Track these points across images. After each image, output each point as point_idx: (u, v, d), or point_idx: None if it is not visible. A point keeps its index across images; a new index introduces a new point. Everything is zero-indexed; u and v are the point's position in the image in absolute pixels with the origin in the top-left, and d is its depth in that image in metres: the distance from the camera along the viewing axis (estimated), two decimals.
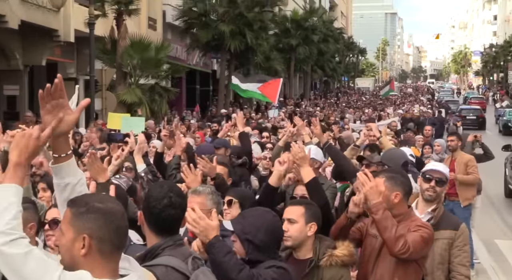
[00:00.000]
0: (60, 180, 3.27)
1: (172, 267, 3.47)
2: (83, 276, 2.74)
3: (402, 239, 4.68)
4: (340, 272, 4.53)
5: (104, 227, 2.81)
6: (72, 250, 2.79)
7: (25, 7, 22.84)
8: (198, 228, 3.79)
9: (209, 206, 4.69)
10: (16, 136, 3.03)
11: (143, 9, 29.82)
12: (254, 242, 3.99)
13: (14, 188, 2.86)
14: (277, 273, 3.83)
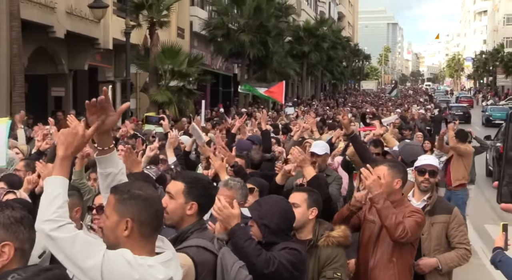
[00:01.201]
0: (103, 170, 3.29)
1: (203, 247, 3.50)
2: (124, 253, 2.79)
3: (402, 225, 4.69)
4: (336, 251, 4.53)
5: (144, 212, 2.87)
6: (116, 232, 2.84)
7: (70, 18, 22.97)
8: (222, 215, 3.83)
9: (239, 199, 4.70)
10: (64, 133, 3.05)
11: (172, 20, 29.85)
12: (270, 227, 4.00)
13: (60, 180, 2.90)
14: (290, 254, 3.84)
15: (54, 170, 2.95)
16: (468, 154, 11.46)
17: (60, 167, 2.94)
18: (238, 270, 3.61)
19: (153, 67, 25.73)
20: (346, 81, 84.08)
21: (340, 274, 4.46)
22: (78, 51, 25.14)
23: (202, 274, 3.41)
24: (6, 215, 2.36)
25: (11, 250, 2.31)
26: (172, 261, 2.95)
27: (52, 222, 2.71)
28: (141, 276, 2.72)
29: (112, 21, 25.13)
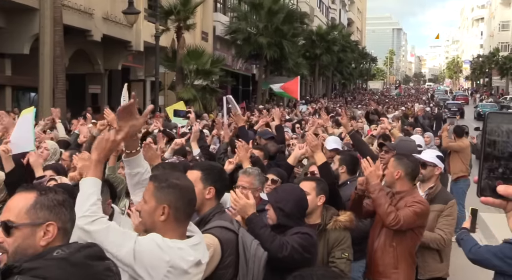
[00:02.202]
0: (131, 170, 3.33)
1: (225, 227, 3.54)
2: (155, 237, 2.84)
3: (393, 214, 4.69)
4: (343, 234, 4.55)
5: (180, 200, 2.91)
6: (153, 216, 2.88)
7: (106, 23, 23.11)
8: (238, 206, 3.86)
9: (256, 185, 4.73)
10: (98, 139, 3.10)
11: (197, 25, 29.89)
12: (284, 210, 4.01)
13: (93, 180, 2.95)
14: (301, 238, 3.85)
15: (89, 172, 2.99)
16: (463, 149, 11.44)
17: (94, 169, 2.99)
18: (256, 247, 3.68)
19: (179, 67, 25.78)
20: (354, 81, 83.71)
21: (347, 254, 4.49)
22: (112, 53, 25.29)
23: (227, 251, 3.46)
24: (50, 198, 2.37)
25: (55, 229, 2.33)
26: (200, 244, 2.98)
27: (86, 218, 2.77)
28: (171, 258, 2.76)
29: (143, 26, 25.24)
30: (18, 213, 2.34)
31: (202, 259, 2.93)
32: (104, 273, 2.28)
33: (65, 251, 2.24)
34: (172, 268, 2.75)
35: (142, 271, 2.73)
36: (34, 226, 2.33)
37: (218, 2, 37.49)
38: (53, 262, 2.19)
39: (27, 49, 19.73)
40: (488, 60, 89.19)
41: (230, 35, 35.42)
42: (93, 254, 2.31)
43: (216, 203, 3.75)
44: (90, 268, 2.25)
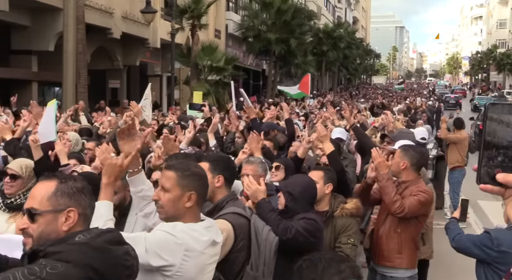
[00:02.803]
0: (135, 188, 3.34)
1: (238, 213, 3.57)
2: (163, 227, 2.85)
3: (398, 202, 4.69)
4: (349, 221, 4.54)
5: (202, 187, 2.96)
6: (178, 204, 2.87)
7: (125, 22, 23.16)
8: (250, 191, 3.88)
9: (260, 172, 4.74)
10: (106, 164, 3.09)
11: (211, 23, 29.91)
12: (292, 194, 4.01)
13: (105, 203, 2.94)
14: (307, 223, 3.85)
15: (100, 195, 2.97)
16: (460, 140, 11.38)
17: (104, 192, 2.98)
18: (268, 232, 3.70)
19: (194, 63, 25.81)
20: (359, 76, 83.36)
21: (353, 240, 4.48)
22: (131, 50, 25.35)
23: (240, 236, 3.48)
24: (69, 185, 2.38)
25: (75, 215, 2.34)
26: (213, 227, 2.98)
27: None
28: (184, 241, 2.75)
29: (160, 24, 25.27)
30: (41, 201, 2.35)
31: (216, 239, 2.93)
32: (123, 257, 2.31)
33: (86, 236, 2.27)
34: (188, 251, 2.75)
35: (158, 261, 2.71)
36: (56, 212, 2.34)
37: (231, 1, 37.47)
38: (75, 247, 2.22)
39: (52, 47, 19.81)
40: (486, 57, 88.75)
41: (242, 32, 35.42)
42: (113, 239, 2.34)
43: (228, 191, 3.76)
44: (110, 252, 2.27)
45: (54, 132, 5.95)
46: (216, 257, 2.98)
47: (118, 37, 22.94)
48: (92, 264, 2.19)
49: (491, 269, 3.86)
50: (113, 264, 2.27)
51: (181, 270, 2.73)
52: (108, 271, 2.24)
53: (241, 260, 3.53)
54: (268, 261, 3.63)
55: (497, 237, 3.85)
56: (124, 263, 2.32)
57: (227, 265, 3.40)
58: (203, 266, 2.83)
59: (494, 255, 3.82)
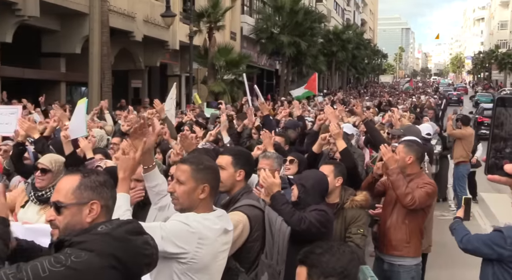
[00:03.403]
0: (150, 183, 3.32)
1: (253, 205, 3.57)
2: (177, 217, 2.86)
3: (410, 195, 4.66)
4: (359, 212, 4.52)
5: (215, 179, 2.95)
6: (192, 195, 2.88)
7: (146, 25, 23.24)
8: (266, 183, 3.86)
9: (275, 167, 4.73)
10: (120, 159, 3.09)
11: (227, 26, 29.90)
12: (305, 186, 4.00)
13: (122, 195, 2.92)
14: (318, 214, 3.83)
15: (118, 187, 2.95)
16: (466, 137, 11.25)
17: (121, 185, 2.97)
18: (281, 223, 3.70)
19: (211, 64, 25.84)
20: (367, 75, 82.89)
21: (363, 230, 4.46)
22: (152, 51, 25.43)
23: (255, 227, 3.48)
24: (92, 179, 2.39)
25: (98, 207, 2.35)
26: (224, 216, 2.97)
27: None
28: (197, 230, 2.75)
29: (179, 27, 25.32)
30: (66, 194, 2.37)
31: (227, 227, 2.93)
32: (143, 246, 2.33)
33: (108, 227, 2.29)
34: (201, 239, 2.75)
35: (173, 249, 2.72)
36: (80, 205, 2.36)
37: (245, 5, 37.44)
38: (98, 237, 2.24)
39: (78, 49, 19.94)
40: (488, 56, 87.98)
41: (255, 34, 35.39)
42: (133, 229, 2.35)
43: (245, 184, 3.75)
44: (130, 242, 2.29)
45: (84, 128, 6.00)
46: (228, 245, 2.97)
47: (140, 40, 23.03)
48: (115, 253, 2.21)
49: (502, 268, 3.69)
50: (134, 253, 2.29)
51: (196, 257, 2.74)
52: (130, 260, 2.26)
53: (256, 249, 3.53)
54: (281, 250, 3.63)
55: (510, 236, 3.68)
56: (144, 252, 2.33)
57: (243, 254, 3.42)
58: (216, 253, 2.83)
59: (507, 254, 3.65)
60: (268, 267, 3.52)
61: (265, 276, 3.47)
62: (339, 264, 1.78)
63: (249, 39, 36.76)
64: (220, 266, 2.92)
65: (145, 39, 23.40)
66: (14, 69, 18.37)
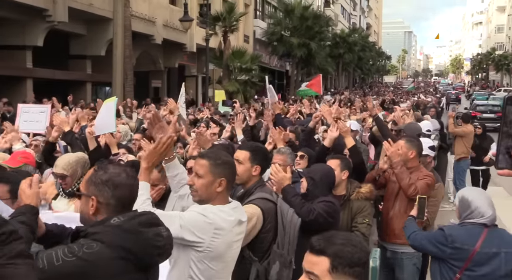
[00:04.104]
0: (171, 173, 3.29)
1: (266, 198, 3.54)
2: (195, 208, 2.85)
3: (413, 186, 4.64)
4: (364, 203, 4.50)
5: (232, 174, 2.92)
6: (210, 188, 2.86)
7: (166, 29, 23.31)
8: (277, 178, 3.86)
9: (288, 162, 4.69)
10: (146, 151, 3.10)
11: (240, 29, 29.90)
12: (314, 179, 3.99)
13: (143, 184, 2.89)
14: (326, 206, 3.83)
15: (140, 177, 2.93)
16: (466, 134, 11.13)
17: (144, 175, 2.94)
18: (292, 215, 3.68)
19: (225, 65, 25.87)
20: (372, 76, 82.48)
21: (368, 219, 4.45)
22: (171, 53, 25.50)
23: (268, 218, 3.46)
24: (97, 175, 2.38)
25: (95, 203, 2.33)
26: (239, 207, 2.96)
27: None
28: (214, 221, 2.74)
29: (196, 31, 25.36)
30: (83, 184, 2.45)
31: (241, 218, 2.92)
32: (154, 238, 2.29)
33: (121, 219, 2.27)
34: (217, 230, 2.74)
35: (191, 237, 2.71)
36: (87, 196, 2.39)
37: (258, 10, 37.44)
38: (110, 229, 2.22)
39: (103, 52, 20.06)
40: (485, 58, 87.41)
41: (267, 37, 35.35)
42: (146, 221, 2.31)
43: (259, 178, 3.74)
44: (141, 234, 2.25)
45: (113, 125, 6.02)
46: (242, 234, 2.96)
47: (160, 43, 23.12)
48: (124, 245, 2.19)
49: (446, 265, 3.60)
50: (145, 244, 2.25)
51: (211, 246, 2.73)
52: (141, 251, 2.23)
53: (269, 239, 3.52)
54: (292, 240, 3.62)
55: (450, 234, 3.56)
56: (155, 244, 2.29)
57: (257, 244, 3.41)
58: (230, 242, 2.83)
59: (448, 252, 3.55)
60: (280, 256, 3.51)
61: (276, 264, 3.46)
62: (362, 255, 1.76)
63: (261, 41, 36.72)
64: (234, 254, 2.92)
65: (165, 42, 23.47)
66: (45, 70, 18.53)
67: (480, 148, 11.03)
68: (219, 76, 27.08)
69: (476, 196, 3.60)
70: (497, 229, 3.58)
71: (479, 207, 3.54)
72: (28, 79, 17.77)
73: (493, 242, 3.47)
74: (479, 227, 3.52)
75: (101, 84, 22.91)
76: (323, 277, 1.79)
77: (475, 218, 3.53)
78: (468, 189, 3.89)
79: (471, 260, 3.49)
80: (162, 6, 23.67)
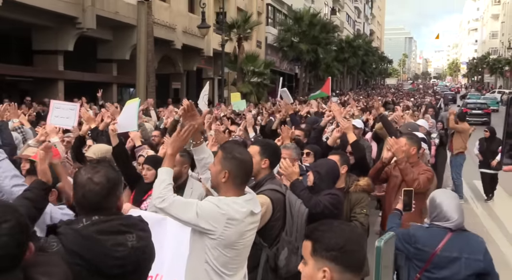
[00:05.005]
0: (198, 156, 3.30)
1: (275, 190, 3.53)
2: (210, 198, 2.84)
3: (417, 181, 4.61)
4: (362, 195, 4.48)
5: (239, 169, 2.86)
6: (217, 177, 2.87)
7: (185, 35, 23.35)
8: (286, 172, 3.85)
9: (294, 156, 4.69)
10: (172, 138, 3.06)
11: (253, 36, 29.89)
12: (320, 172, 3.99)
13: (167, 170, 2.89)
14: (331, 198, 3.82)
15: (164, 163, 2.94)
16: (464, 130, 11.04)
17: (168, 161, 2.94)
18: (300, 205, 3.68)
19: (239, 68, 25.90)
20: (374, 78, 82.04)
21: (366, 210, 4.43)
22: (189, 57, 25.56)
23: (277, 208, 3.45)
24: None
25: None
26: (252, 200, 2.93)
27: (159, 198, 2.76)
28: (227, 212, 2.74)
29: (212, 37, 25.37)
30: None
31: (254, 209, 2.89)
32: (112, 248, 2.07)
33: (83, 224, 2.08)
34: (230, 220, 2.73)
35: (206, 225, 2.71)
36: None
37: (269, 18, 37.37)
38: (71, 232, 2.05)
39: (128, 56, 20.16)
40: (481, 62, 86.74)
41: (278, 43, 35.29)
42: (105, 229, 2.09)
43: (269, 171, 3.72)
44: (97, 242, 2.05)
45: (135, 124, 6.04)
46: (255, 224, 2.94)
47: (179, 48, 23.17)
48: (78, 250, 2.02)
49: (412, 264, 3.47)
50: (99, 253, 2.04)
51: (224, 235, 2.73)
52: (94, 259, 2.03)
53: (278, 227, 3.51)
54: (299, 228, 3.61)
55: (414, 234, 3.45)
56: (112, 254, 2.06)
57: (266, 232, 3.40)
58: (242, 232, 2.81)
59: (412, 251, 3.43)
60: (288, 243, 3.50)
61: (285, 250, 3.45)
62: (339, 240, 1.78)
63: (273, 47, 36.67)
64: (247, 243, 2.90)
65: (184, 47, 23.53)
66: (75, 73, 18.67)
67: (488, 151, 10.61)
68: (233, 79, 27.10)
69: (444, 200, 3.40)
70: (464, 233, 3.36)
71: (445, 211, 3.35)
72: (60, 81, 17.92)
73: (455, 247, 3.29)
74: (443, 231, 3.35)
75: (125, 86, 23.02)
76: (308, 259, 1.85)
77: (441, 221, 3.34)
78: (440, 191, 3.64)
79: (431, 262, 3.34)
80: (181, 14, 23.72)
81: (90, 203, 2.15)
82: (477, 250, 3.26)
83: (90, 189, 2.15)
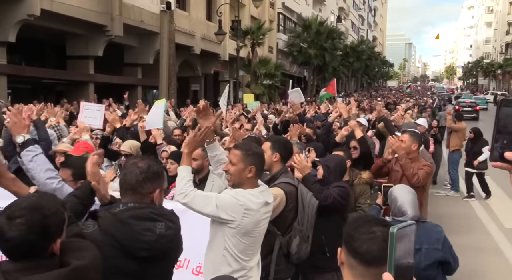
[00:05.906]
0: (211, 153, 3.31)
1: (289, 183, 3.51)
2: (228, 191, 2.85)
3: (416, 175, 4.56)
4: (365, 187, 4.48)
5: (260, 163, 2.89)
6: (242, 174, 2.86)
7: (203, 41, 23.37)
8: (299, 166, 3.83)
9: (296, 151, 4.62)
10: (188, 139, 3.03)
11: (265, 42, 29.81)
12: (329, 166, 3.97)
13: (186, 167, 2.86)
14: (340, 190, 3.80)
15: (182, 161, 2.90)
16: (461, 129, 10.91)
17: (186, 159, 2.90)
18: (311, 197, 3.67)
19: (253, 71, 25.89)
20: (377, 81, 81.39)
21: (369, 201, 4.41)
22: (207, 62, 25.57)
23: (290, 200, 3.44)
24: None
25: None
26: (266, 191, 2.94)
27: (181, 194, 2.75)
28: (244, 202, 2.75)
29: (228, 43, 25.36)
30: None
31: (268, 200, 2.89)
32: (141, 232, 2.07)
33: (118, 209, 2.10)
34: (247, 210, 2.74)
35: (226, 216, 2.72)
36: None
37: (280, 25, 37.25)
38: (109, 215, 2.08)
39: (151, 60, 20.22)
40: (475, 66, 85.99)
41: (288, 48, 35.18)
42: (137, 215, 2.09)
43: (283, 165, 3.70)
44: (129, 226, 2.06)
45: (161, 122, 6.05)
46: (268, 214, 2.94)
47: (198, 53, 23.20)
48: (112, 232, 2.04)
49: None
50: (129, 236, 2.05)
51: (242, 224, 2.75)
52: (125, 241, 2.05)
53: (290, 217, 3.50)
54: (310, 218, 3.60)
55: None
56: (141, 238, 2.06)
57: (280, 221, 3.39)
58: (258, 221, 2.82)
59: None
60: (300, 232, 3.49)
61: (297, 239, 3.45)
62: None
63: (283, 52, 36.56)
64: (262, 231, 2.91)
65: (202, 52, 23.56)
66: (103, 76, 18.80)
67: (471, 151, 10.04)
68: (247, 81, 27.09)
69: (400, 194, 3.25)
70: (423, 225, 3.17)
71: (399, 206, 3.20)
72: (90, 83, 18.06)
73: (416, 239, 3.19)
74: None
75: (149, 87, 23.11)
76: None
77: (397, 215, 3.18)
78: (398, 186, 3.49)
79: None
80: (200, 22, 23.76)
81: (127, 183, 2.18)
82: (435, 240, 3.14)
83: (131, 171, 2.19)
